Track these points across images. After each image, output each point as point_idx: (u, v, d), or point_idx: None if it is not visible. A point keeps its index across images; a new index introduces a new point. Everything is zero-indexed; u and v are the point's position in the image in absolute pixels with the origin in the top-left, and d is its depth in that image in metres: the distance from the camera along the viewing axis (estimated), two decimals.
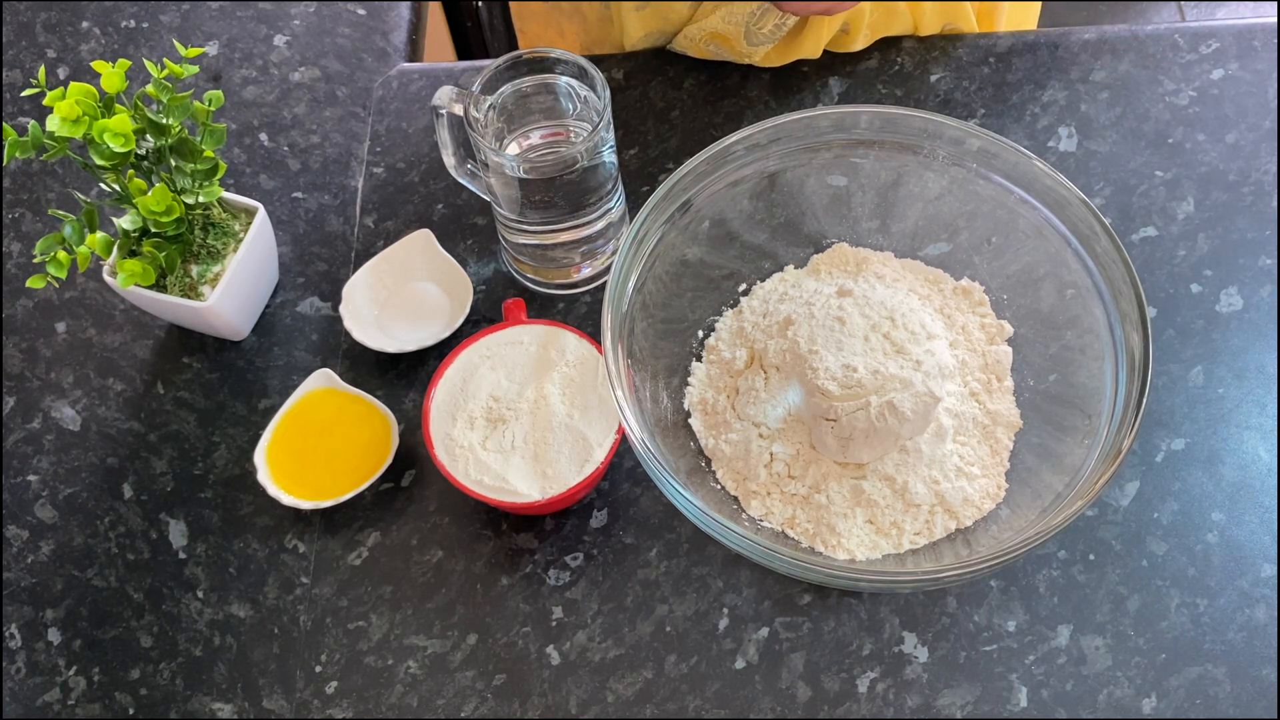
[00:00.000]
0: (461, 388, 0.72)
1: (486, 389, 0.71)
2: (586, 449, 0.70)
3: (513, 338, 0.73)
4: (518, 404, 0.71)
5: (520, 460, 0.70)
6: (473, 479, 0.69)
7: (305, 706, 0.69)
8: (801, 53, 0.87)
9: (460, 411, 0.71)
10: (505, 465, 0.70)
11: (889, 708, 0.68)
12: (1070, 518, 0.62)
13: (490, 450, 0.70)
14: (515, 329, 0.73)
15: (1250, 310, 0.78)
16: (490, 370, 0.72)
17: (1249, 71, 0.87)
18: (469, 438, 0.70)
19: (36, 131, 0.68)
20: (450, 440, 0.70)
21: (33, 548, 0.75)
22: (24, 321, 0.82)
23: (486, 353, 0.72)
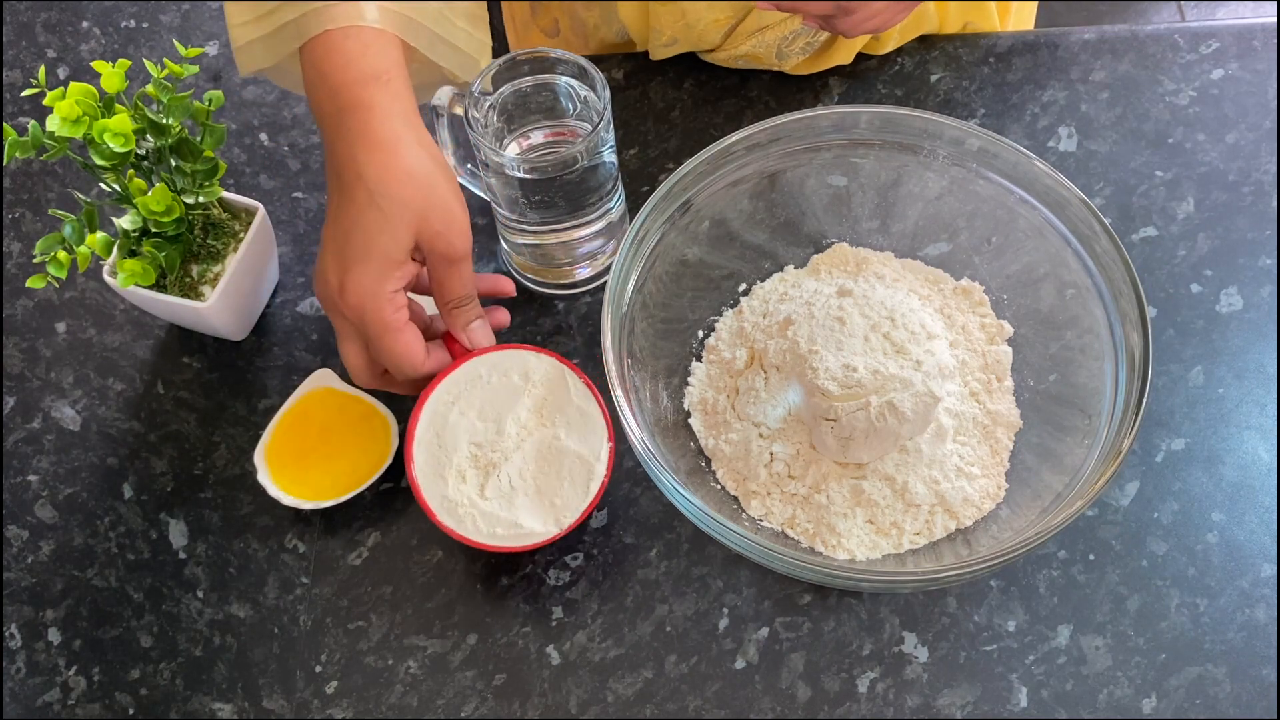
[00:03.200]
0: (438, 444, 0.68)
1: (464, 438, 0.68)
2: (586, 466, 0.68)
3: (470, 375, 0.69)
4: (501, 443, 0.68)
5: (525, 499, 0.68)
6: (485, 534, 0.67)
7: (305, 706, 0.69)
8: (835, 60, 0.87)
9: (447, 469, 0.68)
10: (512, 509, 0.68)
11: (889, 708, 0.68)
12: (1070, 518, 0.62)
13: (491, 499, 0.68)
14: (469, 365, 0.69)
15: (1250, 310, 0.78)
16: (460, 416, 0.68)
17: (1249, 71, 0.87)
18: (465, 493, 0.68)
19: (36, 131, 0.68)
20: (449, 502, 0.68)
21: (33, 548, 0.75)
22: (24, 321, 0.82)
23: (449, 398, 0.68)
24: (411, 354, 0.65)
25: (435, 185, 0.64)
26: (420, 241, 0.64)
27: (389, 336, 0.64)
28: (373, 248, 0.63)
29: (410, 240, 0.63)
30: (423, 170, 0.64)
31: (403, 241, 0.63)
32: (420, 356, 0.66)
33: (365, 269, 0.63)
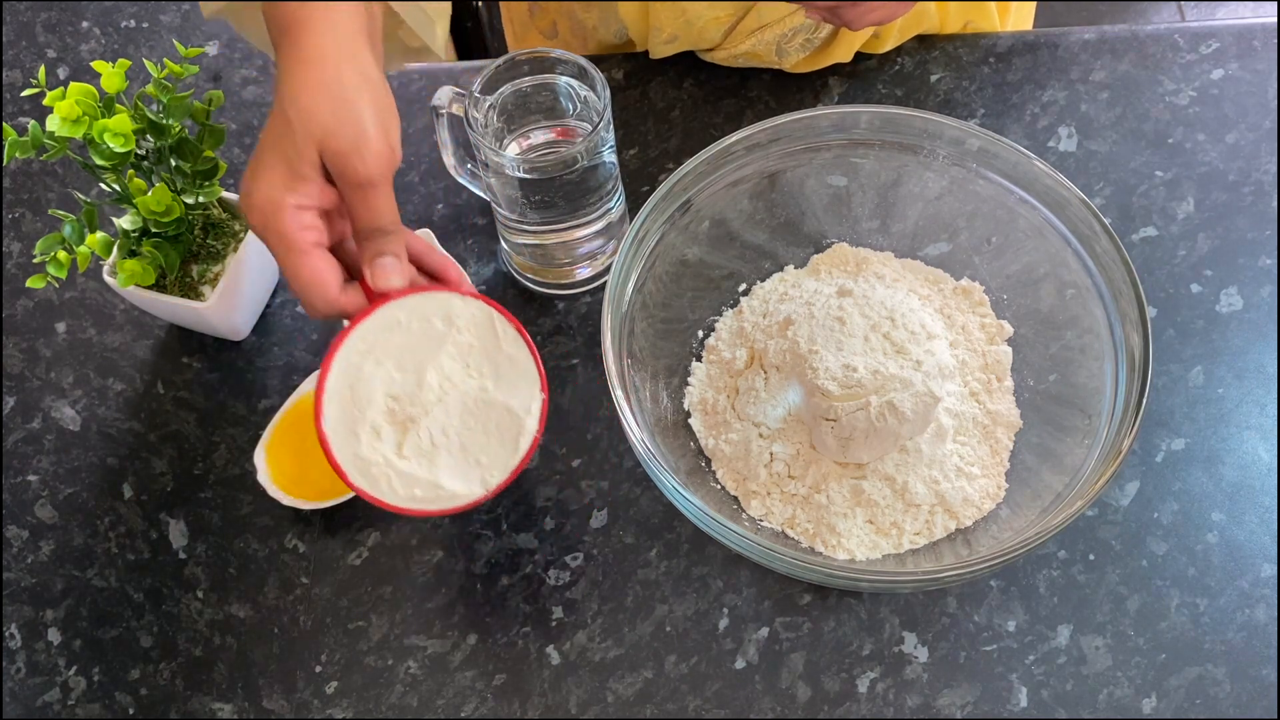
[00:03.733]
0: (351, 398, 0.60)
1: (380, 390, 0.61)
2: (515, 420, 0.62)
3: (387, 321, 0.61)
4: (421, 396, 0.61)
5: (448, 457, 0.61)
6: (403, 496, 0.61)
7: (305, 706, 0.69)
8: (834, 58, 0.87)
9: (360, 425, 0.60)
10: (433, 469, 0.61)
11: (889, 708, 0.68)
12: (1070, 518, 0.62)
13: (410, 457, 0.61)
14: (387, 309, 0.61)
15: (1250, 310, 0.78)
16: (376, 366, 0.61)
17: (1249, 71, 0.87)
18: (380, 451, 0.61)
19: (36, 131, 0.68)
20: (362, 461, 0.60)
21: (33, 548, 0.75)
22: (24, 321, 0.82)
23: (364, 347, 0.61)
24: (318, 280, 0.59)
25: (349, 102, 0.59)
26: (325, 158, 0.59)
27: (292, 256, 0.58)
28: (277, 155, 0.59)
29: (314, 154, 0.59)
30: (339, 85, 0.60)
31: (305, 154, 0.59)
32: (329, 286, 0.59)
33: (270, 176, 0.59)
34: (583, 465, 0.75)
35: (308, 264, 0.59)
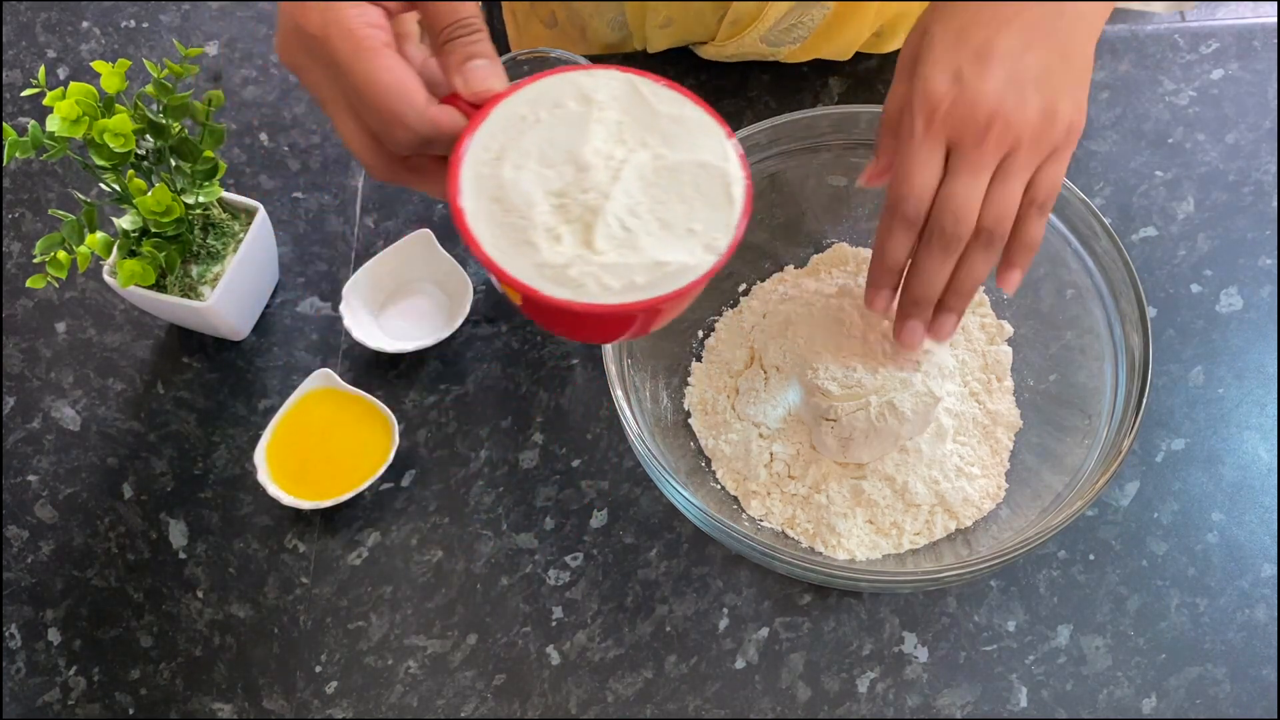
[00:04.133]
0: (503, 211, 0.49)
1: (536, 189, 0.50)
2: (714, 173, 0.51)
3: (507, 120, 0.51)
4: (590, 180, 0.50)
5: (650, 237, 0.50)
6: (621, 289, 0.49)
7: (305, 706, 0.69)
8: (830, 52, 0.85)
9: (531, 234, 0.49)
10: (641, 252, 0.49)
11: (889, 708, 0.68)
12: (1070, 518, 0.62)
13: (606, 250, 0.49)
14: (502, 107, 0.50)
15: (1250, 310, 0.78)
16: (516, 170, 0.50)
17: (1249, 71, 0.87)
18: (567, 254, 0.49)
19: (36, 131, 0.68)
20: (552, 270, 0.49)
21: (33, 548, 0.75)
22: (24, 321, 0.82)
23: (490, 155, 0.50)
24: (401, 84, 0.48)
25: None
26: None
27: (363, 58, 0.47)
28: None
29: None
30: None
31: None
32: (416, 92, 0.48)
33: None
34: (583, 465, 0.75)
35: (385, 65, 0.48)
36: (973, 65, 0.58)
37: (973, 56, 0.58)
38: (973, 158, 0.58)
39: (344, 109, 0.50)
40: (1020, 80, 0.58)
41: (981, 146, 0.58)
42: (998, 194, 0.59)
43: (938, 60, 0.59)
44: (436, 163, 0.51)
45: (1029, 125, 0.58)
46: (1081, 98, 0.60)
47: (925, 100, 0.58)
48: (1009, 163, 0.59)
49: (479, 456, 0.76)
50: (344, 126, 0.50)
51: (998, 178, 0.59)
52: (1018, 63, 0.58)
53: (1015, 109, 0.58)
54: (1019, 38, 0.58)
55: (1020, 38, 0.58)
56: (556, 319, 0.51)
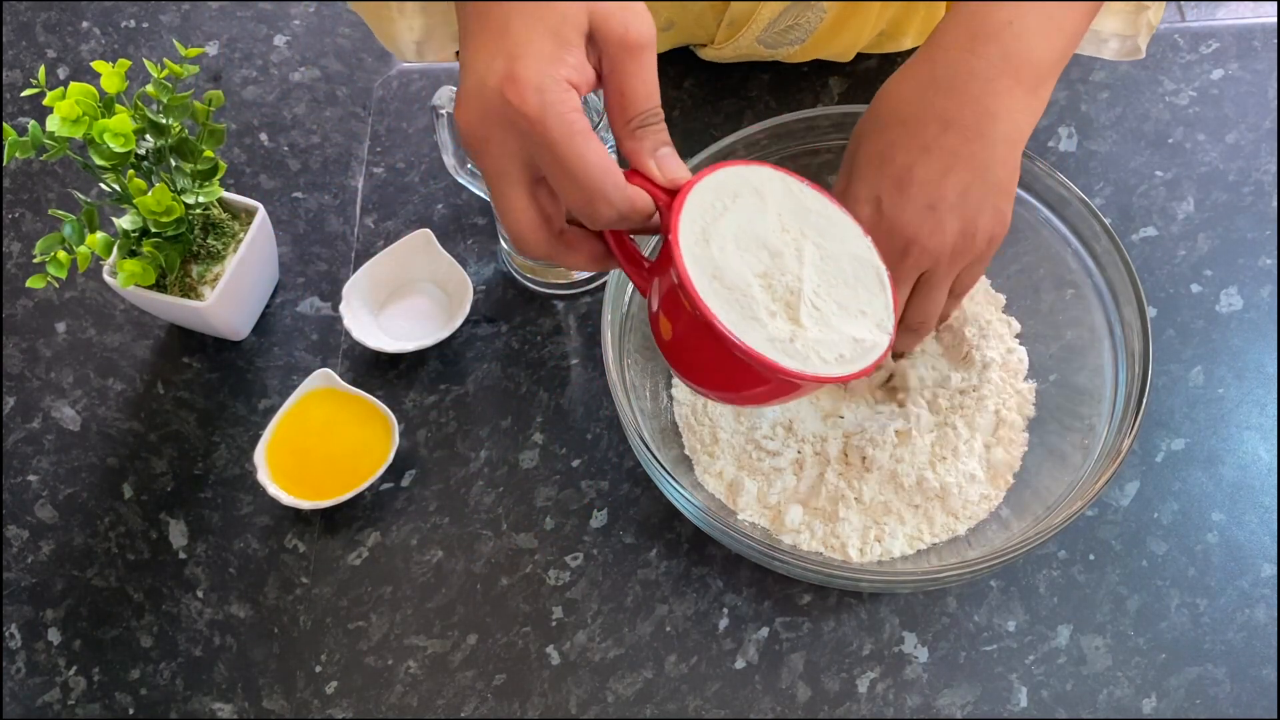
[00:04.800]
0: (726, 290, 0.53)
1: (747, 272, 0.54)
2: (864, 263, 0.57)
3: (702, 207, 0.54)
4: (785, 266, 0.55)
5: (836, 317, 0.55)
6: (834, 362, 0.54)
7: (305, 706, 0.69)
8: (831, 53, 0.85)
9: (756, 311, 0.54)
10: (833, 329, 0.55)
11: (889, 708, 0.68)
12: (1070, 518, 0.62)
13: (810, 327, 0.54)
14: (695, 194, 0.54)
15: (1250, 310, 0.78)
16: (722, 252, 0.54)
17: (1249, 71, 0.87)
18: (786, 330, 0.54)
19: (36, 131, 0.68)
20: (781, 344, 0.53)
21: (33, 548, 0.75)
22: (24, 321, 0.82)
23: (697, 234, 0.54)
24: (607, 166, 0.50)
25: None
26: (595, 19, 0.50)
27: (578, 140, 0.49)
28: (537, 22, 0.50)
29: (582, 16, 0.50)
30: None
31: (572, 14, 0.50)
32: (617, 173, 0.51)
33: (537, 47, 0.49)
34: (583, 465, 0.75)
35: (594, 148, 0.49)
36: (891, 194, 0.60)
37: (892, 184, 0.60)
38: (895, 276, 0.60)
39: (523, 187, 0.52)
40: (937, 205, 0.60)
41: (900, 267, 0.60)
42: (918, 304, 0.63)
43: (860, 186, 0.61)
44: (587, 239, 0.55)
45: (945, 247, 0.60)
46: (1004, 206, 0.61)
47: (891, 245, 0.60)
48: (928, 277, 0.62)
49: (479, 456, 0.76)
50: (517, 201, 0.52)
51: (919, 290, 0.63)
52: (935, 189, 0.60)
53: (932, 234, 0.60)
54: (937, 164, 0.60)
55: (939, 163, 0.60)
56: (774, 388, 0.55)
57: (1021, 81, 0.60)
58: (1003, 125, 0.60)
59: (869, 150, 0.61)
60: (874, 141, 0.61)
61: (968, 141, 0.60)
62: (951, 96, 0.60)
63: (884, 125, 0.61)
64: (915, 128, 0.60)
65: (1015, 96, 0.60)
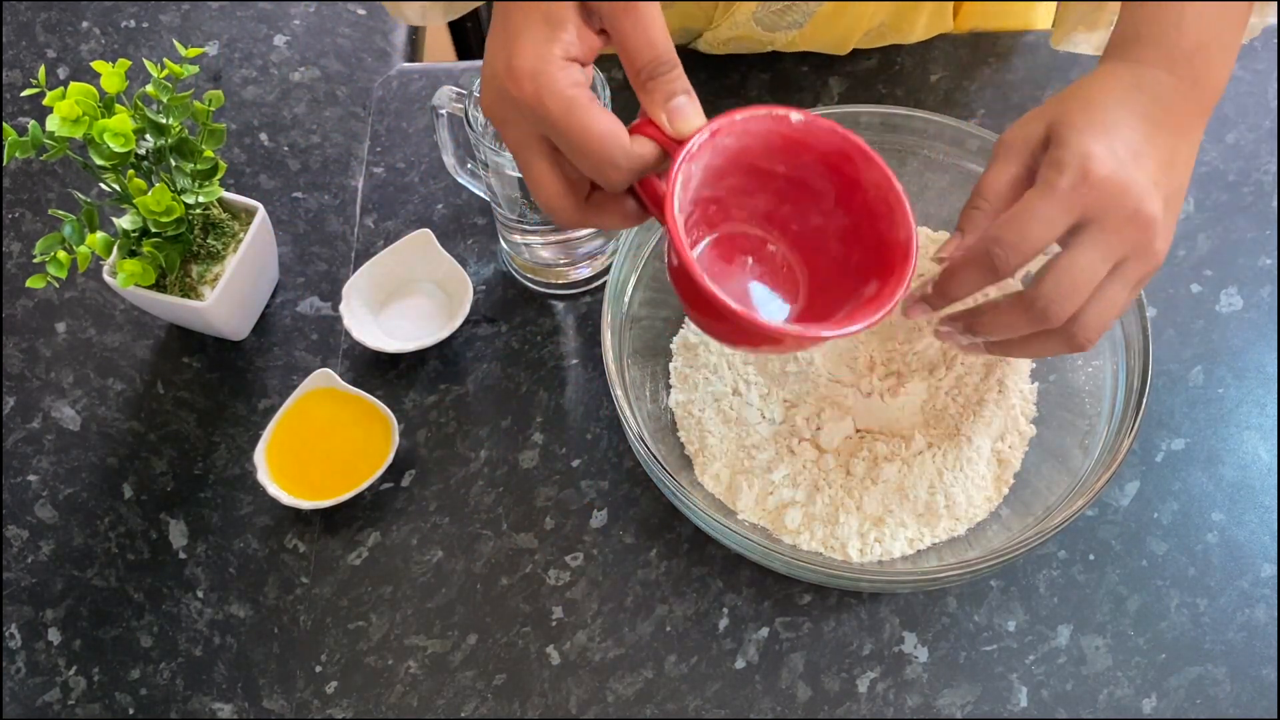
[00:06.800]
0: None
1: None
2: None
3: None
4: None
5: None
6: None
7: (305, 706, 0.69)
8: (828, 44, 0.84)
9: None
10: None
11: (889, 708, 0.68)
12: (1070, 518, 0.62)
13: None
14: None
15: (1250, 310, 0.78)
16: None
17: (1249, 71, 0.87)
18: None
19: (36, 131, 0.68)
20: None
21: (33, 548, 0.75)
22: (24, 321, 0.82)
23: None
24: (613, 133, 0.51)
25: None
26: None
27: (576, 114, 0.51)
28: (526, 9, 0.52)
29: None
30: None
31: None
32: (621, 134, 0.52)
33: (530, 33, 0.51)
34: (583, 465, 0.75)
35: (595, 117, 0.51)
36: (1127, 152, 0.54)
37: (1125, 146, 0.55)
38: (1109, 240, 0.54)
39: (544, 159, 0.54)
40: (1160, 188, 0.55)
41: (1122, 232, 0.54)
42: (1112, 292, 0.55)
43: (1095, 136, 0.54)
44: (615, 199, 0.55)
45: (1154, 235, 0.54)
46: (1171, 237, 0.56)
47: (1082, 161, 0.53)
48: (1124, 267, 0.55)
49: (479, 456, 0.76)
50: (542, 175, 0.54)
51: (1113, 276, 0.55)
52: (1161, 172, 0.55)
53: (1155, 212, 0.54)
54: (1162, 155, 0.56)
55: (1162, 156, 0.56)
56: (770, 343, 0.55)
57: (1206, 109, 0.58)
58: (1190, 155, 0.57)
59: (1089, 118, 0.55)
60: (1092, 111, 0.56)
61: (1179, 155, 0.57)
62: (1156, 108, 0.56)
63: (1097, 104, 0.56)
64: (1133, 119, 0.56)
65: (1198, 124, 0.58)
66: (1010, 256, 0.54)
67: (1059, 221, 0.53)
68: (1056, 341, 0.57)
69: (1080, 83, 0.58)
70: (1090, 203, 0.53)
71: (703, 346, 0.74)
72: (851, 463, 0.69)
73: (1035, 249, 0.54)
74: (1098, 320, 0.56)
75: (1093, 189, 0.53)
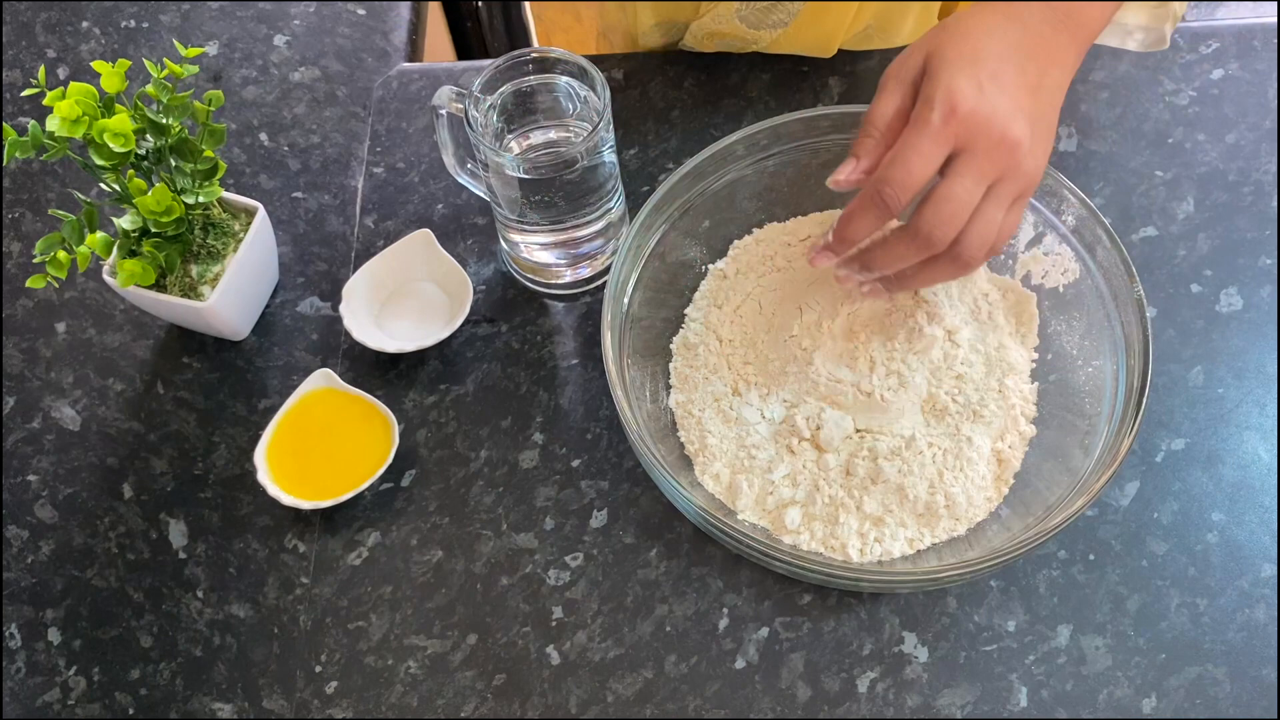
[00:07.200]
0: None
1: None
2: None
3: None
4: None
5: None
6: None
7: (305, 706, 0.69)
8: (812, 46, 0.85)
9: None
10: None
11: (889, 708, 0.68)
12: (1070, 518, 0.62)
13: None
14: None
15: (1250, 310, 0.78)
16: None
17: (1249, 71, 0.87)
18: None
19: (36, 131, 0.68)
20: None
21: (33, 548, 0.75)
22: (24, 321, 0.82)
23: None
24: None
25: None
26: None
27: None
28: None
29: None
30: None
31: None
32: None
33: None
34: (583, 465, 0.75)
35: None
36: (992, 83, 0.59)
37: (990, 77, 0.59)
38: (980, 166, 0.59)
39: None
40: (1025, 111, 0.60)
41: (990, 157, 0.59)
42: (989, 212, 0.60)
43: (960, 70, 0.59)
44: None
45: (1022, 155, 0.60)
46: (1048, 150, 0.62)
47: (948, 96, 0.58)
48: (997, 188, 0.60)
49: (479, 456, 0.76)
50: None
51: (988, 198, 0.60)
52: (1027, 97, 0.60)
53: (1021, 135, 0.59)
54: (1029, 80, 0.60)
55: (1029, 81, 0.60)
56: None
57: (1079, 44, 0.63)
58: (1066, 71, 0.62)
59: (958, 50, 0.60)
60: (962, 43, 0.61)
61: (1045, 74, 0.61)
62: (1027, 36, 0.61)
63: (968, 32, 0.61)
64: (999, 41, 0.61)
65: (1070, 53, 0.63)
66: (899, 193, 0.59)
67: (935, 155, 0.59)
68: (945, 265, 0.62)
69: (958, 14, 0.63)
70: (960, 133, 0.58)
71: (702, 346, 0.74)
72: (851, 462, 0.69)
73: (919, 183, 0.59)
74: (979, 239, 0.60)
75: (960, 121, 0.58)
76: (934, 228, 0.60)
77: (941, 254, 0.61)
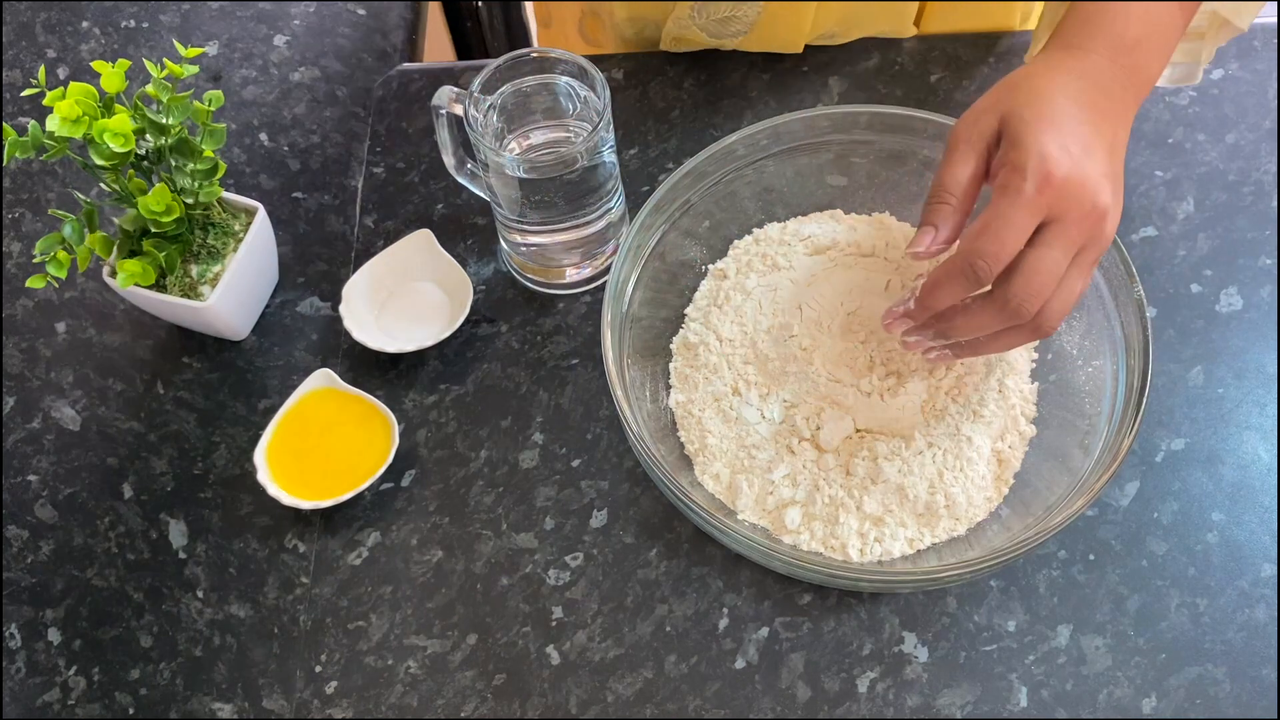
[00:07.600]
0: None
1: None
2: None
3: None
4: None
5: None
6: None
7: (305, 706, 0.69)
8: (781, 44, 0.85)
9: None
10: None
11: (889, 708, 0.68)
12: (1070, 518, 0.62)
13: None
14: None
15: (1250, 310, 0.78)
16: None
17: (1249, 71, 0.87)
18: None
19: (36, 131, 0.68)
20: None
21: (33, 548, 0.75)
22: (24, 321, 0.82)
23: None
24: None
25: None
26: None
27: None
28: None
29: None
30: None
31: None
32: None
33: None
34: (583, 465, 0.75)
35: None
36: (1078, 148, 0.58)
37: (1074, 141, 0.58)
38: (1070, 235, 0.57)
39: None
40: (1108, 175, 0.58)
41: (1081, 226, 0.58)
42: (1073, 283, 0.59)
43: (1044, 133, 0.58)
44: None
45: (1108, 223, 0.58)
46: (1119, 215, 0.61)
47: (1041, 164, 0.57)
48: (1081, 256, 0.59)
49: (479, 456, 0.76)
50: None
51: (1073, 266, 0.59)
52: (1106, 159, 0.59)
53: (1109, 203, 0.58)
54: (1106, 142, 0.59)
55: (1106, 143, 0.59)
56: None
57: (1140, 99, 0.63)
58: (1124, 135, 0.62)
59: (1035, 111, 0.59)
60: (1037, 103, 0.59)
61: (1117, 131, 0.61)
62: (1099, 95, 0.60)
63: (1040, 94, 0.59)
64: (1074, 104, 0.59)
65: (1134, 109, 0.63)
66: (992, 265, 0.58)
67: (1027, 226, 0.57)
68: (1024, 333, 0.61)
69: (1026, 72, 0.61)
70: (1053, 203, 0.57)
71: (703, 346, 0.74)
72: (851, 463, 0.69)
73: (1011, 254, 0.57)
74: (1061, 307, 0.59)
75: (1054, 190, 0.57)
76: (1024, 300, 0.58)
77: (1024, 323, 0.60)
